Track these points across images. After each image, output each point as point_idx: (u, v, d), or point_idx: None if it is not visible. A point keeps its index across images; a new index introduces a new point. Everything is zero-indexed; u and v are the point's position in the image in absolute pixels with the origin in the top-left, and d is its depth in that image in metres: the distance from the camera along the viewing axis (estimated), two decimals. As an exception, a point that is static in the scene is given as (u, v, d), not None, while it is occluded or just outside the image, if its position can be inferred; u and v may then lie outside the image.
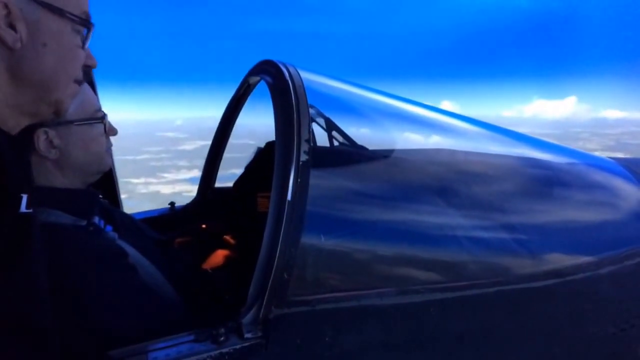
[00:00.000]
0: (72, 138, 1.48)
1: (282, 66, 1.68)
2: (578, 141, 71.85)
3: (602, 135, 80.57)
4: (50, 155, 1.43)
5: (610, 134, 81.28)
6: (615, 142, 73.49)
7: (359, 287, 1.45)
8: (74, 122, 1.48)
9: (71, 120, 1.46)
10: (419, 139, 2.23)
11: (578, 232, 1.95)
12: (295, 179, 1.36)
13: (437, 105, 15.90)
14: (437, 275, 1.59)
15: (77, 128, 1.49)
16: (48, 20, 0.99)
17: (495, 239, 1.75)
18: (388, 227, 1.62)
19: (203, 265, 2.09)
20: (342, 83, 2.18)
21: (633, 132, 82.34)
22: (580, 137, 79.16)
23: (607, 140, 74.11)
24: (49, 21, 0.99)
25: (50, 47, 1.00)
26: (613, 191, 2.23)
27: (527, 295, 1.65)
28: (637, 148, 66.11)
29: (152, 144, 41.05)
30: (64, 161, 1.47)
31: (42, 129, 1.39)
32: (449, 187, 1.84)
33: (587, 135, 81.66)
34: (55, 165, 1.46)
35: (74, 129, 1.48)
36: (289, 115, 1.47)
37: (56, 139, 1.43)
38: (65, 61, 1.05)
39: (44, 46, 0.99)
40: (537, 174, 2.17)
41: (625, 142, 72.24)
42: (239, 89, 2.53)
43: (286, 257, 1.29)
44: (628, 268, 1.83)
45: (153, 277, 1.53)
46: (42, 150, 1.41)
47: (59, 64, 1.03)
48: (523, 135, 2.54)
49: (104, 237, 1.49)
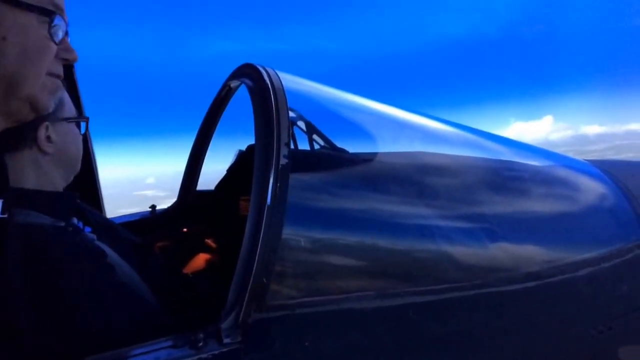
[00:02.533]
0: (65, 134, 1.47)
1: (262, 69, 1.68)
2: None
3: (585, 152, 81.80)
4: (48, 149, 1.41)
5: (594, 151, 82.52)
6: (599, 157, 74.28)
7: (339, 291, 1.45)
8: (68, 119, 1.47)
9: (65, 117, 1.46)
10: (400, 142, 2.23)
11: (556, 234, 1.96)
12: (274, 183, 1.35)
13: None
14: (416, 279, 1.59)
15: (68, 125, 1.49)
16: (5, 13, 0.96)
17: (474, 242, 1.75)
18: (368, 230, 1.62)
19: (184, 269, 2.08)
20: (323, 86, 2.18)
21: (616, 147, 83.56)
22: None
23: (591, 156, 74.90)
24: (6, 14, 0.97)
25: (11, 40, 0.97)
26: (590, 193, 2.26)
27: (506, 297, 1.65)
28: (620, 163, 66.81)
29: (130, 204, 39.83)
30: (59, 157, 1.46)
31: (45, 124, 1.38)
32: (429, 191, 1.84)
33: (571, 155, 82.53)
34: (50, 161, 1.45)
35: (66, 126, 1.48)
36: (269, 119, 1.47)
37: (53, 133, 1.42)
38: (30, 54, 1.03)
39: (3, 40, 0.96)
40: (515, 177, 2.18)
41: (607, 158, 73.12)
42: (219, 93, 2.52)
43: (265, 261, 1.29)
44: (605, 270, 1.85)
45: (131, 280, 1.51)
46: (43, 145, 1.39)
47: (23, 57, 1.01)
48: (502, 138, 2.56)
49: (82, 237, 1.47)
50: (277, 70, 1.68)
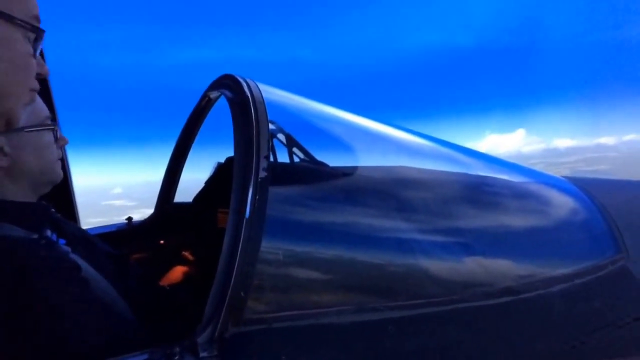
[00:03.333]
0: (23, 145, 1.43)
1: (242, 80, 1.67)
2: None
3: (557, 164, 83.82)
4: (1, 163, 1.38)
5: (565, 163, 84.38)
6: (570, 170, 76.25)
7: (317, 306, 1.45)
8: (25, 128, 1.43)
9: (22, 127, 1.41)
10: (380, 155, 2.24)
11: (532, 249, 1.98)
12: (253, 196, 1.35)
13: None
14: (394, 293, 1.59)
15: (28, 135, 1.44)
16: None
17: (452, 257, 1.76)
18: (347, 244, 1.61)
19: (160, 282, 2.06)
20: (304, 99, 2.18)
21: (587, 159, 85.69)
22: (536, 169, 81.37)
23: (563, 169, 76.99)
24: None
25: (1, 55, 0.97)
26: (565, 209, 2.29)
27: (482, 313, 1.66)
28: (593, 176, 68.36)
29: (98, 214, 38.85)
30: (16, 170, 1.43)
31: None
32: (408, 205, 1.85)
33: (543, 166, 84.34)
34: (6, 174, 1.42)
35: (25, 136, 1.43)
36: (248, 131, 1.46)
37: (7, 146, 1.39)
38: (18, 70, 1.02)
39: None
40: (492, 192, 2.21)
41: (580, 170, 74.95)
42: (199, 103, 2.51)
43: (243, 274, 1.28)
44: (579, 286, 1.87)
45: (106, 293, 1.49)
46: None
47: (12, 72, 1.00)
48: (479, 153, 2.58)
49: (56, 249, 1.45)
50: (257, 82, 1.68)
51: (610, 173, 68.51)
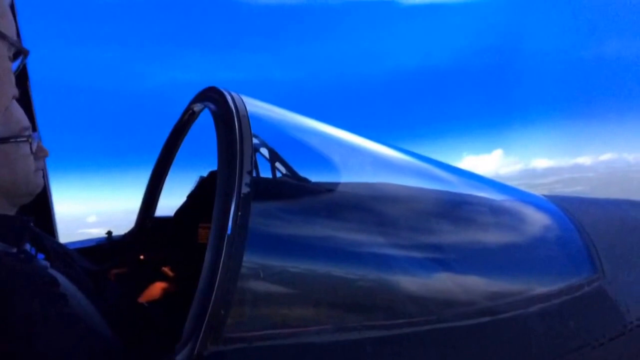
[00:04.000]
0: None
1: (227, 94, 1.66)
2: None
3: (535, 185, 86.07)
4: None
5: (543, 184, 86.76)
6: (548, 191, 77.73)
7: (297, 324, 1.43)
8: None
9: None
10: (363, 172, 2.24)
11: (510, 269, 1.99)
12: (235, 212, 1.33)
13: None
14: (374, 313, 1.58)
15: (1, 146, 1.42)
16: None
17: (432, 276, 1.76)
18: (328, 263, 1.61)
19: (139, 298, 2.03)
20: (288, 112, 2.18)
21: (565, 180, 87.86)
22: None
23: (540, 189, 78.62)
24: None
25: None
26: (544, 228, 2.30)
27: (460, 333, 1.65)
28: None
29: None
30: None
31: None
32: (390, 223, 1.84)
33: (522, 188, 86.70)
34: None
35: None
36: (232, 145, 1.45)
37: None
38: (4, 85, 1.00)
39: None
40: (472, 210, 2.21)
41: (558, 191, 76.73)
42: (182, 116, 2.50)
43: (224, 292, 1.26)
44: (555, 306, 1.87)
45: (85, 309, 1.46)
46: None
47: None
48: (460, 170, 2.59)
49: (35, 264, 1.42)
50: (241, 95, 1.67)
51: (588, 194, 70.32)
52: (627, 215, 2.64)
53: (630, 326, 1.96)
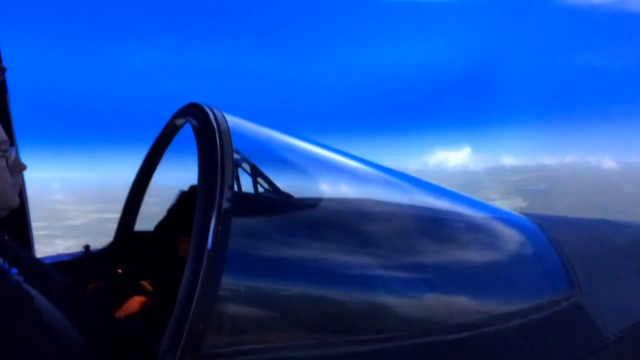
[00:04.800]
0: None
1: (208, 109, 1.66)
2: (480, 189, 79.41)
3: (502, 182, 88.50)
4: None
5: (510, 180, 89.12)
6: (514, 188, 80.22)
7: (277, 340, 1.43)
8: None
9: None
10: (344, 188, 2.25)
11: (489, 285, 2.01)
12: (216, 227, 1.32)
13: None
14: (354, 328, 1.58)
15: None
16: None
17: (413, 292, 1.78)
18: (308, 278, 1.61)
19: (117, 313, 2.00)
20: (269, 129, 2.19)
21: (531, 178, 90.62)
22: (482, 186, 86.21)
23: (507, 187, 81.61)
24: None
25: None
26: (522, 245, 2.33)
27: (439, 347, 1.66)
28: (535, 194, 72.69)
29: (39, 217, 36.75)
30: None
31: None
32: (370, 240, 1.85)
33: (489, 184, 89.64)
34: None
35: None
36: (213, 160, 1.45)
37: None
38: None
39: None
40: (452, 227, 2.23)
41: (523, 189, 79.09)
42: (164, 131, 2.49)
43: (203, 307, 1.25)
44: (533, 322, 1.89)
45: (60, 325, 1.44)
46: None
47: None
48: (442, 189, 2.61)
49: (7, 279, 1.40)
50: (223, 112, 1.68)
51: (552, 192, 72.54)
52: (602, 234, 2.69)
53: (607, 341, 1.99)
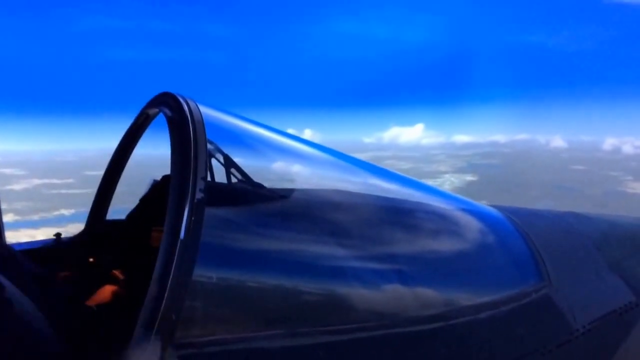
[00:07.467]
0: None
1: (182, 99, 1.65)
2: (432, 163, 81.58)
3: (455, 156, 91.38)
4: None
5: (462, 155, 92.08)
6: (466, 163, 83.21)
7: (250, 330, 1.43)
8: None
9: None
10: (316, 179, 2.26)
11: (460, 276, 2.04)
12: (189, 217, 1.33)
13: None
14: (326, 317, 1.60)
15: None
16: None
17: (384, 282, 1.79)
18: (281, 268, 1.61)
19: (88, 302, 2.00)
20: (243, 120, 2.18)
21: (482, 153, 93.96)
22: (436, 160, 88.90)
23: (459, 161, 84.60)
24: None
25: None
26: (492, 237, 2.36)
27: (412, 338, 1.68)
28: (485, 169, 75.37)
29: None
30: None
31: None
32: (342, 229, 1.86)
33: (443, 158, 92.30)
34: None
35: None
36: (186, 150, 1.45)
37: None
38: None
39: None
40: (423, 219, 2.25)
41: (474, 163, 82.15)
42: (136, 120, 2.47)
43: (175, 297, 1.25)
44: (503, 313, 1.91)
45: (30, 314, 1.43)
46: None
47: None
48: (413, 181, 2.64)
49: None
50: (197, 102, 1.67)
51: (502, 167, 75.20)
52: (571, 226, 2.74)
53: (576, 333, 2.03)
